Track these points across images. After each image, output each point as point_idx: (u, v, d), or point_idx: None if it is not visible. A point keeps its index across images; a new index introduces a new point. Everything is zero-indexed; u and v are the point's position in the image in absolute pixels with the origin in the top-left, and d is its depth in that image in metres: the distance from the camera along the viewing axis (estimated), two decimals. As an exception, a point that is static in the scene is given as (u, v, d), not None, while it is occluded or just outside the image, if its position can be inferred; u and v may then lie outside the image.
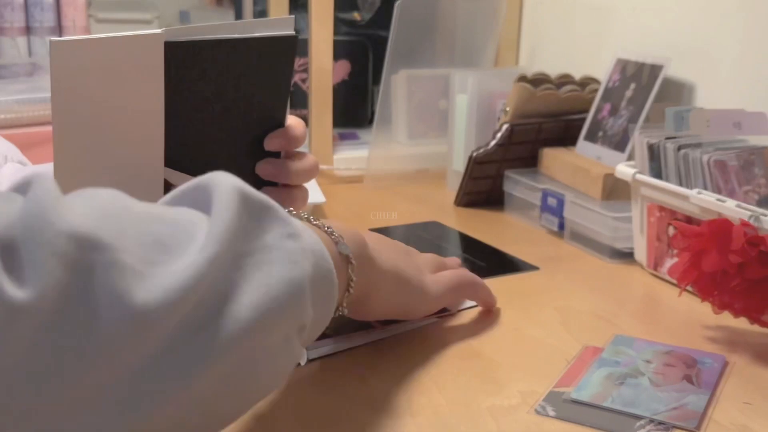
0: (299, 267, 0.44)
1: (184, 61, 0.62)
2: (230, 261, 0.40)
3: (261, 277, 0.41)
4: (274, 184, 0.71)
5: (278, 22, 0.68)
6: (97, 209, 0.37)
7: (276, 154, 0.70)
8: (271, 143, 0.69)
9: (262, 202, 0.44)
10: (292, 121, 0.71)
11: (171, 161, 0.63)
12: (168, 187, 0.64)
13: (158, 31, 0.61)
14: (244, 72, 0.65)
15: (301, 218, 0.54)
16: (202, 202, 0.42)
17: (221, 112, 0.66)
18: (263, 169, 0.69)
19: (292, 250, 0.44)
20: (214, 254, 0.39)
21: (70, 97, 0.57)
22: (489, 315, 0.72)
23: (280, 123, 0.70)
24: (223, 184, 0.43)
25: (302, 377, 0.60)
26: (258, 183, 0.70)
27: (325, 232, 0.55)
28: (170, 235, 0.39)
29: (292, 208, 0.55)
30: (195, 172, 0.65)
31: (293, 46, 0.68)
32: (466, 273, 0.71)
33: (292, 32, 0.68)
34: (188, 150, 0.65)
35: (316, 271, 0.46)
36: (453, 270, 0.71)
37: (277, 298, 0.41)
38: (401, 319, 0.68)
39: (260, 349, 0.42)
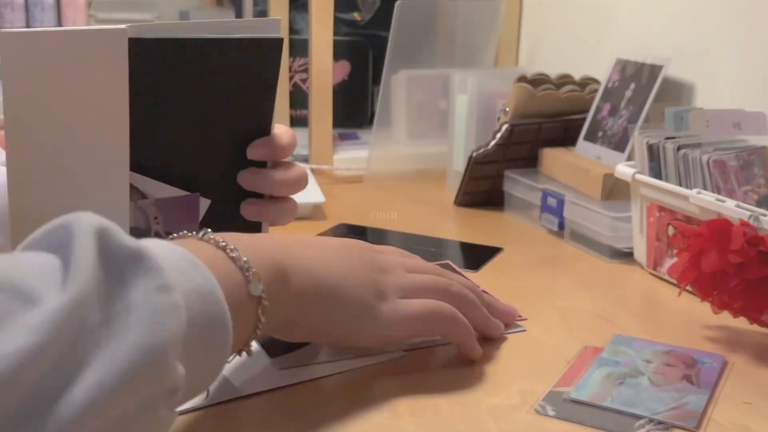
0: (162, 328, 0.39)
1: (153, 61, 0.58)
2: (77, 335, 0.36)
3: (113, 349, 0.37)
4: (260, 196, 0.68)
5: (264, 24, 0.64)
6: None
7: (263, 165, 0.67)
8: (254, 152, 0.66)
9: (129, 250, 0.39)
10: (279, 129, 0.68)
11: (142, 168, 0.60)
12: (137, 194, 0.61)
13: (122, 26, 0.57)
14: (224, 75, 0.62)
15: (219, 247, 0.50)
16: (58, 245, 0.39)
17: (198, 117, 0.62)
18: (245, 178, 0.66)
19: (157, 308, 0.39)
20: (54, 331, 0.35)
21: (23, 94, 0.53)
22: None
23: (266, 131, 0.66)
24: (80, 231, 0.38)
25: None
26: (241, 194, 0.67)
27: (240, 268, 0.50)
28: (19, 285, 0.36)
29: (209, 230, 0.51)
30: (171, 179, 0.63)
31: (279, 50, 0.64)
32: (444, 306, 0.60)
33: (278, 35, 0.64)
34: (161, 156, 0.61)
35: (197, 320, 0.42)
36: (429, 301, 0.60)
37: (125, 372, 0.37)
38: (342, 345, 0.62)
39: (108, 424, 0.37)
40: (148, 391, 0.38)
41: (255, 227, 0.70)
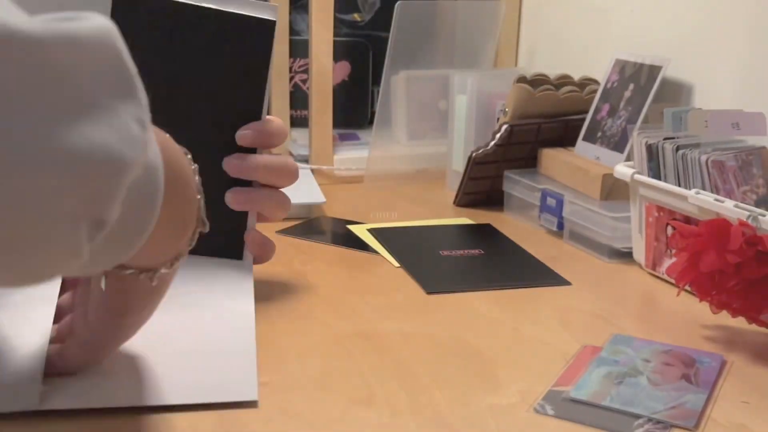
0: (135, 149, 0.39)
1: (138, 22, 0.56)
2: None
3: (99, 129, 0.37)
4: (248, 184, 0.66)
5: (261, 6, 0.64)
6: None
7: (252, 153, 0.66)
8: (242, 136, 0.65)
9: (133, 76, 0.41)
10: (269, 118, 0.67)
11: None
12: None
13: None
14: (213, 49, 0.60)
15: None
16: None
17: (183, 92, 0.61)
18: (228, 163, 0.65)
19: (134, 134, 0.39)
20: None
21: None
22: (486, 312, 0.70)
23: (256, 118, 0.65)
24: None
25: (300, 376, 0.60)
26: (227, 181, 0.66)
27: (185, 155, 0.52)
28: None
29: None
30: None
31: (271, 33, 0.63)
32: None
33: (272, 17, 0.63)
34: None
35: (145, 171, 0.42)
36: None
37: (94, 155, 0.37)
38: None
39: (45, 204, 0.36)
40: (86, 200, 0.38)
41: (241, 218, 0.68)
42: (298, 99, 1.32)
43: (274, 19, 0.64)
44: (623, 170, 0.84)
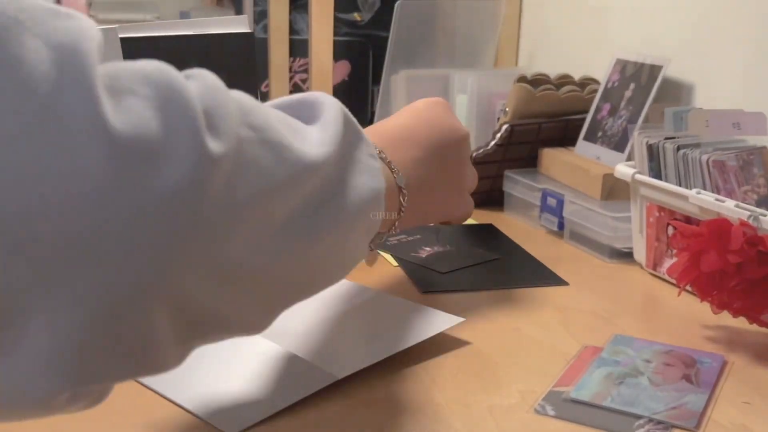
0: (379, 180, 0.53)
1: (143, 56, 0.63)
2: (338, 160, 0.48)
3: (355, 182, 0.50)
4: None
5: (232, 21, 0.72)
6: (244, 104, 0.43)
7: None
8: None
9: (356, 123, 0.53)
10: None
11: None
12: None
13: (113, 26, 0.63)
14: (207, 68, 0.67)
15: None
16: (306, 116, 0.50)
17: None
18: None
19: (374, 167, 0.53)
20: (330, 151, 0.47)
21: None
22: (487, 314, 0.71)
23: None
24: (330, 102, 0.51)
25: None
26: None
27: (388, 165, 0.61)
28: (293, 127, 0.47)
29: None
30: None
31: (251, 43, 0.71)
32: None
33: (247, 29, 0.72)
34: None
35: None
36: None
37: (367, 201, 0.51)
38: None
39: (354, 234, 0.51)
40: (369, 225, 0.53)
41: None
42: (298, 99, 1.32)
43: (250, 30, 0.73)
44: (624, 170, 0.84)
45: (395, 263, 0.85)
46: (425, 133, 0.67)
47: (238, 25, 0.72)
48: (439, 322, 0.66)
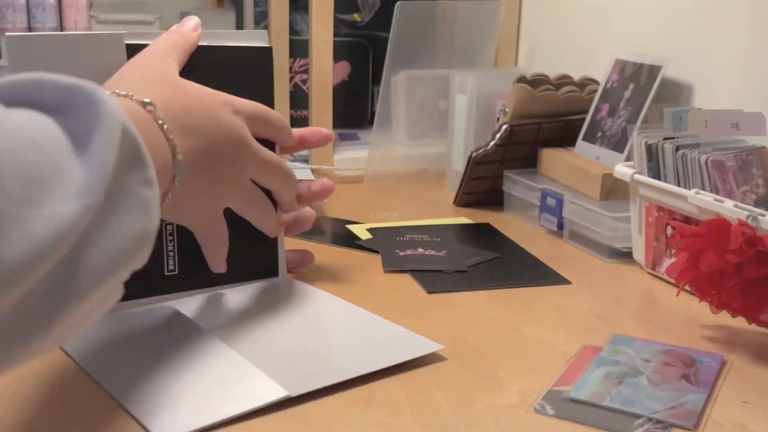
0: (150, 219, 0.44)
1: None
2: (98, 208, 0.39)
3: (117, 227, 0.41)
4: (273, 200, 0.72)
5: (251, 35, 0.71)
6: None
7: None
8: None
9: (136, 140, 0.43)
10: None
11: None
12: None
13: (121, 32, 0.62)
14: (216, 81, 0.65)
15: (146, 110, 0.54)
16: (80, 124, 0.40)
17: None
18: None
19: (147, 200, 0.43)
20: (91, 204, 0.38)
21: None
22: (486, 311, 0.71)
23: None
24: (110, 115, 0.41)
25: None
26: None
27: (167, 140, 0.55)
28: (42, 167, 0.37)
29: (131, 93, 0.54)
30: None
31: (269, 58, 0.71)
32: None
33: (266, 44, 0.71)
34: None
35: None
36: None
37: (128, 250, 0.42)
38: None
39: (107, 291, 0.42)
40: (132, 267, 0.44)
41: (273, 238, 0.75)
42: (298, 99, 1.32)
43: (269, 45, 0.72)
44: (623, 170, 0.84)
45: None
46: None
47: (257, 39, 0.72)
48: (413, 347, 0.63)
